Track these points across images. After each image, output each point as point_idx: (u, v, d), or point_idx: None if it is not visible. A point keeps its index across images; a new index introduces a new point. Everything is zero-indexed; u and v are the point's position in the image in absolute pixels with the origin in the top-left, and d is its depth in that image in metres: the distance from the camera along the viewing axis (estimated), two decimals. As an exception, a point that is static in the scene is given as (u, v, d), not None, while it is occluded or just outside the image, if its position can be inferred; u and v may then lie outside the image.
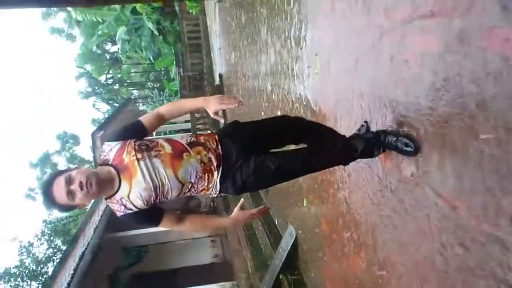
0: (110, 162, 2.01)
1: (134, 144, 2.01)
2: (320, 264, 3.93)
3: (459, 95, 1.69)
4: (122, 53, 23.91)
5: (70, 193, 1.88)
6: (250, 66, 7.22)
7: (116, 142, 2.03)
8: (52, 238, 24.32)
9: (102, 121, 23.89)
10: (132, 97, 37.87)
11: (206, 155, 2.06)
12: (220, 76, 12.63)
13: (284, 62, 4.70)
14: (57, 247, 23.85)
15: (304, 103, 4.06)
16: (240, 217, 2.27)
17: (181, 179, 2.00)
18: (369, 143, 2.26)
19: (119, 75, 39.43)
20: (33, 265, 22.32)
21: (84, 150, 41.35)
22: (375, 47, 2.46)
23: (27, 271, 21.60)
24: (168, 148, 2.03)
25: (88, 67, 36.53)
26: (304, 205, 4.28)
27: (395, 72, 2.23)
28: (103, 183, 1.93)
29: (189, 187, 2.06)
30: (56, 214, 34.30)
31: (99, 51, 35.87)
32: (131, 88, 42.57)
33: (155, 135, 20.71)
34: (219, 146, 2.11)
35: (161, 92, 31.84)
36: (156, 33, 20.90)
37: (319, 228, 3.82)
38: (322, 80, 3.54)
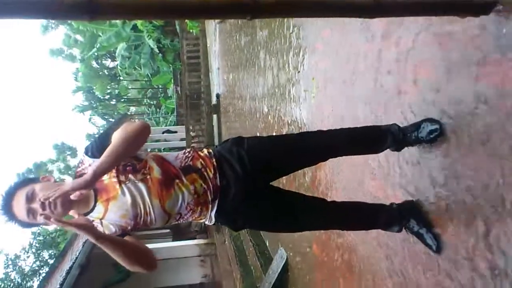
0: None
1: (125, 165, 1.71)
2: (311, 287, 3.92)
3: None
4: (121, 69, 24.02)
5: (31, 212, 1.60)
6: (247, 88, 7.29)
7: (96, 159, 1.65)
8: (39, 251, 23.97)
9: (96, 135, 23.80)
10: (129, 113, 37.88)
11: (201, 185, 1.75)
12: (218, 96, 12.71)
13: (281, 85, 4.76)
14: (44, 260, 23.50)
15: (300, 126, 4.11)
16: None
17: (169, 210, 1.72)
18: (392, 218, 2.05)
19: (116, 91, 39.54)
20: (18, 278, 21.95)
21: (76, 160, 41.04)
22: (371, 73, 2.52)
23: (12, 285, 21.21)
24: (157, 172, 1.72)
25: (90, 85, 36.70)
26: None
27: (389, 98, 2.28)
28: (72, 203, 1.62)
29: (177, 218, 1.79)
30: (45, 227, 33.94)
31: (98, 66, 36.05)
32: (128, 104, 42.64)
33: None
34: (217, 176, 1.79)
35: (158, 109, 31.91)
36: (156, 50, 21.05)
37: (310, 250, 3.82)
38: (318, 104, 3.60)
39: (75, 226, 1.49)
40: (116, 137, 1.63)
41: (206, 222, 1.90)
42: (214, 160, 1.83)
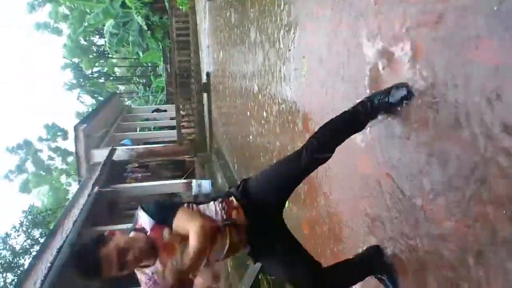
0: (148, 234, 1.86)
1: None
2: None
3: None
4: (109, 46, 23.63)
5: (124, 265, 1.72)
6: (238, 66, 7.22)
7: (152, 221, 1.87)
8: (30, 230, 23.93)
9: (86, 114, 23.62)
10: (118, 92, 37.52)
11: (236, 234, 2.01)
12: (208, 74, 12.60)
13: (272, 64, 4.72)
14: (35, 239, 23.50)
15: (290, 104, 4.09)
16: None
17: (211, 259, 1.95)
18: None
19: (105, 69, 39.06)
20: (9, 256, 21.95)
21: (66, 143, 40.77)
22: (361, 52, 2.49)
23: (3, 262, 21.23)
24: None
25: (76, 59, 36.16)
26: (286, 206, 4.30)
27: (382, 76, 2.26)
28: (145, 255, 1.81)
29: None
30: (37, 205, 33.86)
31: (86, 43, 35.48)
32: (117, 83, 42.20)
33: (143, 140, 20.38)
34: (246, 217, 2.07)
35: (147, 88, 31.63)
36: (145, 27, 20.75)
37: (300, 230, 3.85)
38: (308, 82, 3.57)
39: None
40: (192, 247, 1.76)
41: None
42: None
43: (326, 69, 3.13)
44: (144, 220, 1.88)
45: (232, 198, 2.11)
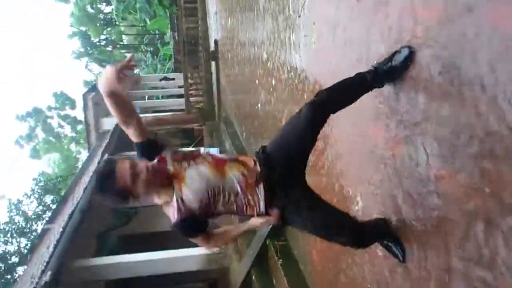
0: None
1: (176, 155, 2.08)
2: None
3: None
4: (116, 13, 23.34)
5: (135, 176, 1.89)
6: (246, 33, 7.13)
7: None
8: (41, 197, 24.33)
9: (94, 83, 23.59)
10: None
11: (247, 169, 2.08)
12: (216, 42, 12.45)
13: (281, 30, 4.65)
14: (47, 205, 23.92)
15: (299, 72, 4.05)
16: (258, 222, 2.24)
17: (228, 188, 2.02)
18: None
19: (113, 37, 38.69)
20: (22, 222, 22.42)
21: (75, 112, 40.88)
22: (375, 17, 2.45)
23: (16, 228, 21.69)
24: (210, 158, 2.10)
25: (83, 28, 35.81)
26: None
27: (392, 42, 2.23)
28: (159, 175, 1.98)
29: (235, 201, 2.06)
30: (47, 170, 34.29)
31: (93, 11, 35.07)
32: (124, 51, 41.87)
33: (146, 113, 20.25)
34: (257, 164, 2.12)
35: (155, 56, 31.35)
36: (152, -6, 20.44)
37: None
38: (318, 50, 3.53)
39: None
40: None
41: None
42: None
43: (336, 36, 3.08)
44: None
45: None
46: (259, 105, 6.26)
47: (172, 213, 2.01)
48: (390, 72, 2.15)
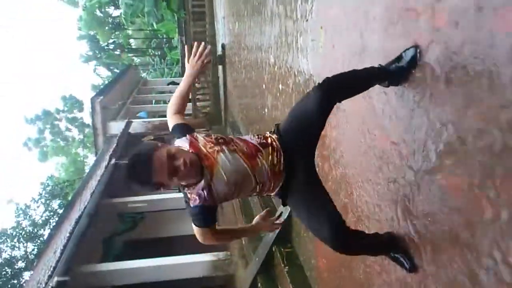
0: (189, 150, 1.98)
1: (210, 137, 2.04)
2: (314, 238, 3.95)
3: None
4: (125, 17, 23.44)
5: (173, 172, 1.83)
6: (253, 37, 7.09)
7: (183, 138, 2.08)
8: (48, 201, 24.44)
9: (103, 86, 23.72)
10: (133, 64, 37.44)
11: (275, 156, 2.04)
12: (223, 46, 12.43)
13: (288, 35, 4.61)
14: (54, 210, 24.02)
15: (307, 77, 4.00)
16: (261, 226, 2.29)
17: (258, 178, 2.00)
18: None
19: (121, 41, 38.93)
20: (29, 227, 22.53)
21: (82, 115, 41.13)
22: (382, 23, 2.39)
23: (23, 233, 21.80)
24: (243, 147, 2.03)
25: (92, 32, 36.05)
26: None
27: (399, 43, 2.17)
28: (195, 168, 1.91)
29: (260, 187, 2.06)
30: (54, 174, 34.47)
31: (102, 15, 35.31)
32: (132, 55, 42.10)
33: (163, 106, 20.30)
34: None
35: (162, 60, 31.48)
36: (160, -2, 20.50)
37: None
38: (326, 54, 3.48)
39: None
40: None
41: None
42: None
43: (344, 40, 3.03)
44: (178, 142, 2.08)
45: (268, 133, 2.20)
46: (265, 110, 6.21)
47: (194, 197, 1.97)
48: (397, 72, 2.13)
